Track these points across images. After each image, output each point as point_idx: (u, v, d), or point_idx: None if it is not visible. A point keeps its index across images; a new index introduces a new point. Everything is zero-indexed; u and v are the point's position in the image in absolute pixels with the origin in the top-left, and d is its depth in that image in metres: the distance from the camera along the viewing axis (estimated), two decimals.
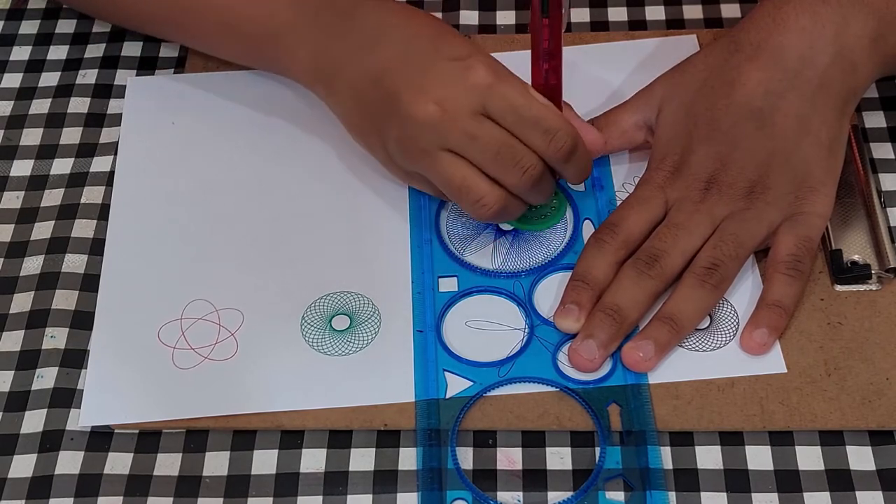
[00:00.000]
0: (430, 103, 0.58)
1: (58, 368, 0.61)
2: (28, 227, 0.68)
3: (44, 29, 0.78)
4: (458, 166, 0.59)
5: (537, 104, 0.59)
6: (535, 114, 0.58)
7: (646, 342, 0.59)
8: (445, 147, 0.59)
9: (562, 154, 0.59)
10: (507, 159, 0.58)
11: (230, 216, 0.67)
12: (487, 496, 0.56)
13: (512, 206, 0.60)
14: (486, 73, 0.59)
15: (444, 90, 0.59)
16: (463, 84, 0.59)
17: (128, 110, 0.73)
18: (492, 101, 0.58)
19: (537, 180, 0.59)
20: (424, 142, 0.59)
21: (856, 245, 0.63)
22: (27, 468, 0.58)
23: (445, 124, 0.58)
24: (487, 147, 0.58)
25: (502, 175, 0.59)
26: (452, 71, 0.59)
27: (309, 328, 0.62)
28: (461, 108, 0.58)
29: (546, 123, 0.58)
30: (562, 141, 0.58)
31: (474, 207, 0.59)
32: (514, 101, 0.58)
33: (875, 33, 0.63)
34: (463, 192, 0.59)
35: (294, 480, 0.57)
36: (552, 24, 0.58)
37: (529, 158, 0.59)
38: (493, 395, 0.59)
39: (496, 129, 0.58)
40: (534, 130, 0.58)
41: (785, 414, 0.58)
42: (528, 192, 0.60)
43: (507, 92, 0.58)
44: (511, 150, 0.58)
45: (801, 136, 0.63)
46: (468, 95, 0.58)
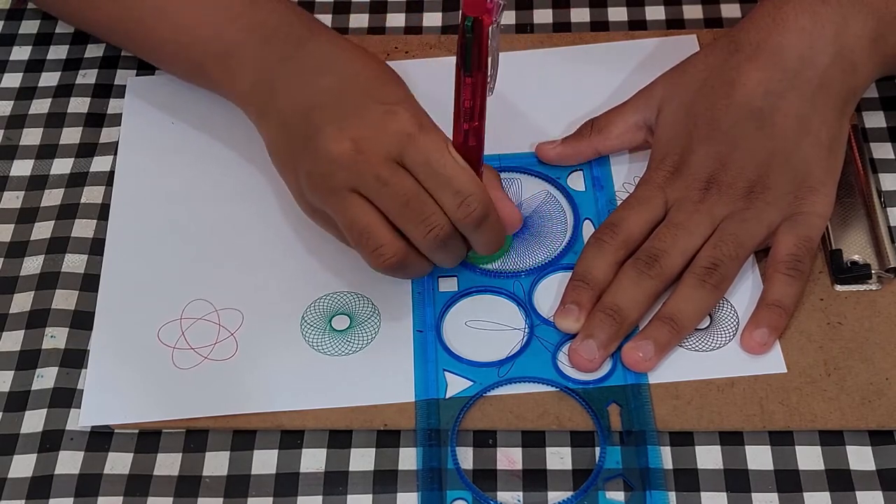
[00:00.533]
0: (346, 141, 0.57)
1: (58, 368, 0.61)
2: (28, 227, 0.68)
3: (44, 29, 0.78)
4: (364, 210, 0.57)
5: (452, 163, 0.56)
6: (449, 173, 0.56)
7: (646, 342, 0.59)
8: (355, 188, 0.57)
9: (470, 220, 0.56)
10: (414, 213, 0.56)
11: (230, 216, 0.67)
12: (487, 496, 0.56)
13: (414, 263, 0.58)
14: (410, 122, 0.57)
15: (364, 131, 0.57)
16: (384, 128, 0.57)
17: (128, 110, 0.73)
18: (409, 152, 0.56)
19: (443, 241, 0.57)
20: (335, 180, 0.57)
21: (856, 245, 0.63)
22: (27, 468, 0.58)
23: (358, 165, 0.56)
24: (396, 196, 0.56)
25: (408, 228, 0.56)
26: (377, 114, 0.58)
27: (309, 328, 0.62)
28: (377, 151, 0.56)
29: (457, 185, 0.56)
30: (472, 206, 0.56)
31: (372, 255, 0.57)
32: (430, 155, 0.56)
33: (875, 33, 0.63)
34: (363, 237, 0.57)
35: (294, 480, 0.57)
36: (475, 83, 0.55)
37: (438, 217, 0.56)
38: (493, 395, 0.59)
39: (409, 179, 0.56)
40: (445, 190, 0.56)
41: (785, 414, 0.58)
42: (434, 252, 0.58)
43: (425, 145, 0.56)
44: (420, 204, 0.56)
45: (800, 136, 0.63)
46: (386, 140, 0.57)
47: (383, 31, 0.78)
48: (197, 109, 0.72)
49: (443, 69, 0.72)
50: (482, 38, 0.53)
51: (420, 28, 0.77)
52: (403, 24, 0.78)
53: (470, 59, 0.54)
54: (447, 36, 0.76)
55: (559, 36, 0.76)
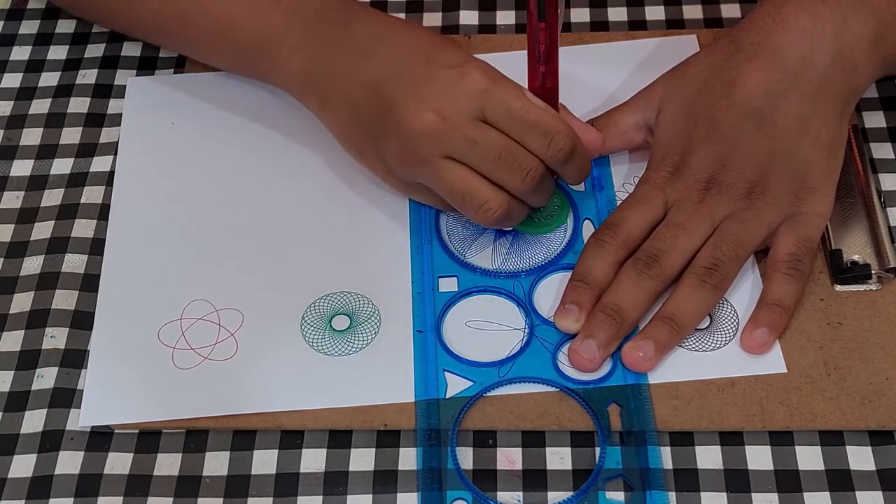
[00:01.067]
0: (428, 112, 0.58)
1: (58, 368, 0.61)
2: (28, 227, 0.68)
3: (44, 29, 0.78)
4: (461, 173, 0.59)
5: (534, 108, 0.59)
6: (533, 117, 0.58)
7: (646, 342, 0.59)
8: (446, 154, 0.59)
9: (561, 156, 0.59)
10: (508, 163, 0.58)
11: (230, 216, 0.67)
12: (487, 496, 0.56)
13: (515, 209, 0.60)
14: (483, 79, 0.59)
15: (442, 98, 0.59)
16: (460, 91, 0.59)
17: (128, 110, 0.73)
18: (490, 107, 0.58)
19: (539, 182, 0.59)
20: (424, 150, 0.59)
21: (856, 245, 0.63)
22: (27, 468, 0.58)
23: (445, 132, 0.58)
24: (488, 152, 0.58)
25: (504, 179, 0.59)
26: (448, 78, 0.59)
27: (309, 328, 0.62)
28: (459, 114, 0.58)
29: (544, 126, 0.58)
30: (561, 143, 0.59)
31: (478, 212, 0.59)
32: (511, 105, 0.58)
33: (875, 33, 0.63)
34: (467, 198, 0.59)
35: (294, 480, 0.57)
36: (549, 27, 0.58)
37: (530, 161, 0.59)
38: (493, 395, 0.59)
39: (495, 133, 0.58)
40: (532, 134, 0.58)
41: (785, 414, 0.58)
42: (531, 195, 0.60)
43: (504, 97, 0.58)
44: (511, 153, 0.58)
45: (800, 136, 0.63)
46: (466, 102, 0.58)
47: None
48: (197, 109, 0.72)
49: None
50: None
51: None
52: None
53: (543, 4, 0.57)
54: (447, 36, 0.76)
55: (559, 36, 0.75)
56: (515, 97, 0.59)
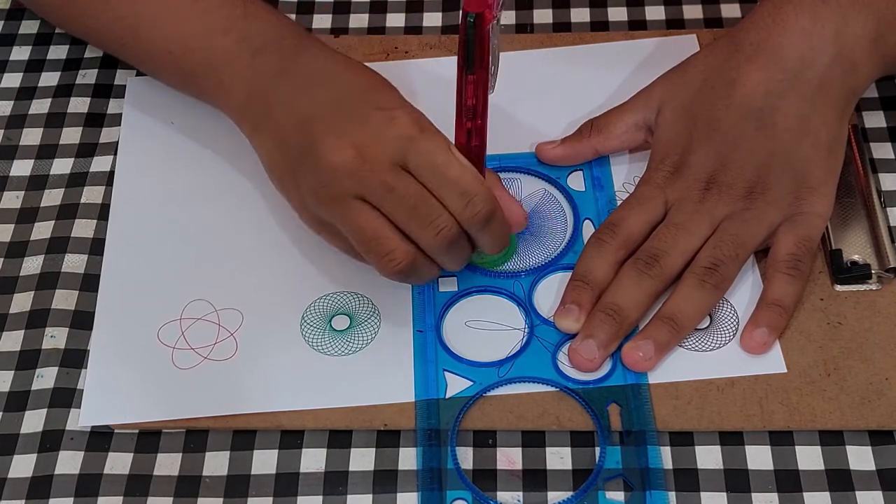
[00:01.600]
0: (349, 149, 0.57)
1: (58, 368, 0.61)
2: (28, 227, 0.68)
3: (44, 29, 0.78)
4: (371, 217, 0.56)
5: (457, 164, 0.56)
6: (455, 174, 0.56)
7: (646, 342, 0.59)
8: (360, 196, 0.57)
9: (477, 220, 0.56)
10: (422, 216, 0.56)
11: (230, 216, 0.67)
12: (487, 496, 0.56)
13: (423, 266, 0.58)
14: (410, 126, 0.57)
15: (366, 138, 0.57)
16: (385, 134, 0.57)
17: (128, 110, 0.73)
18: (412, 155, 0.56)
19: (451, 242, 0.57)
20: (339, 189, 0.57)
21: (856, 245, 0.63)
22: (27, 468, 0.58)
23: (362, 172, 0.56)
24: (403, 200, 0.56)
25: (416, 231, 0.56)
26: (377, 120, 0.58)
27: (309, 328, 0.62)
28: (380, 157, 0.56)
29: (463, 186, 0.56)
30: (478, 206, 0.56)
31: (382, 262, 0.57)
32: (434, 157, 0.56)
33: (875, 33, 0.63)
34: (372, 244, 0.57)
35: (294, 480, 0.57)
36: (477, 82, 0.55)
37: (445, 219, 0.56)
38: (493, 395, 0.59)
39: (414, 183, 0.56)
40: (451, 191, 0.56)
41: (785, 414, 0.58)
42: (442, 255, 0.58)
43: (428, 147, 0.56)
44: (427, 206, 0.56)
45: (800, 136, 0.63)
46: (389, 146, 0.57)
47: (383, 31, 0.78)
48: (197, 110, 0.72)
49: (443, 69, 0.72)
50: (483, 34, 0.53)
51: (420, 28, 0.77)
52: (403, 24, 0.78)
53: (472, 57, 0.54)
54: (447, 36, 0.76)
55: (559, 36, 0.76)
56: (440, 151, 0.56)
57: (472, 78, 0.55)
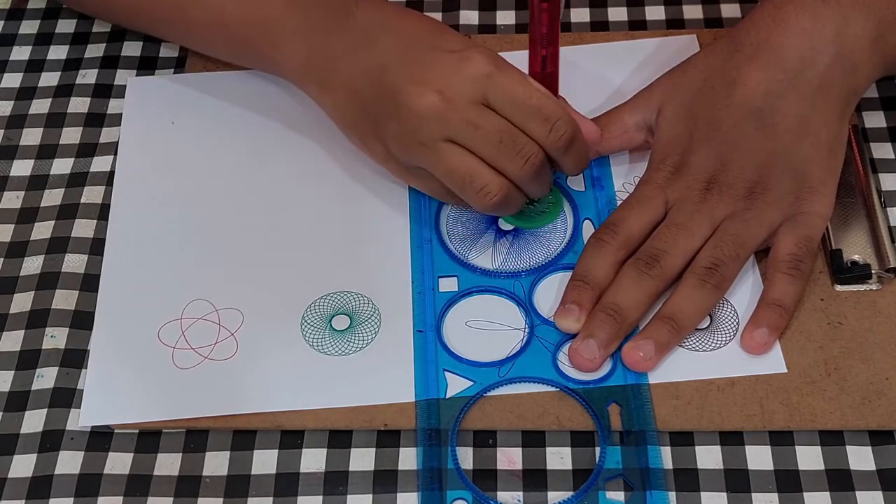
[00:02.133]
0: (430, 94, 0.58)
1: (58, 368, 0.61)
2: (28, 227, 0.68)
3: (44, 29, 0.78)
4: (461, 156, 0.59)
5: (537, 93, 0.59)
6: (536, 103, 0.58)
7: (646, 342, 0.59)
8: (447, 138, 0.58)
9: (562, 143, 0.59)
10: (509, 148, 0.58)
11: (230, 216, 0.67)
12: (487, 496, 0.56)
13: (513, 196, 0.60)
14: (485, 64, 0.59)
15: (444, 81, 0.59)
16: (462, 75, 0.59)
17: (128, 110, 0.73)
18: (492, 91, 0.58)
19: (538, 170, 0.59)
20: (425, 134, 0.59)
21: (856, 245, 0.63)
22: (27, 468, 0.58)
23: (446, 114, 0.58)
24: (489, 136, 0.58)
25: (505, 164, 0.59)
26: (451, 62, 0.59)
27: (309, 328, 0.62)
28: (461, 98, 0.58)
29: (546, 112, 0.58)
30: (562, 130, 0.59)
31: (478, 196, 0.59)
32: (513, 90, 0.58)
33: (875, 33, 0.63)
34: (467, 181, 0.59)
35: (294, 480, 0.57)
36: (551, 9, 0.58)
37: (531, 147, 0.59)
38: (493, 395, 0.59)
39: (497, 118, 0.58)
40: (534, 119, 0.58)
41: (785, 414, 0.58)
42: (529, 183, 0.60)
43: (506, 82, 0.58)
44: (513, 138, 0.58)
45: (801, 136, 0.63)
46: (468, 85, 0.58)
47: None
48: (197, 110, 0.72)
49: None
50: None
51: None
52: None
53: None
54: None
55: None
56: (518, 82, 0.59)
57: (547, 6, 0.58)
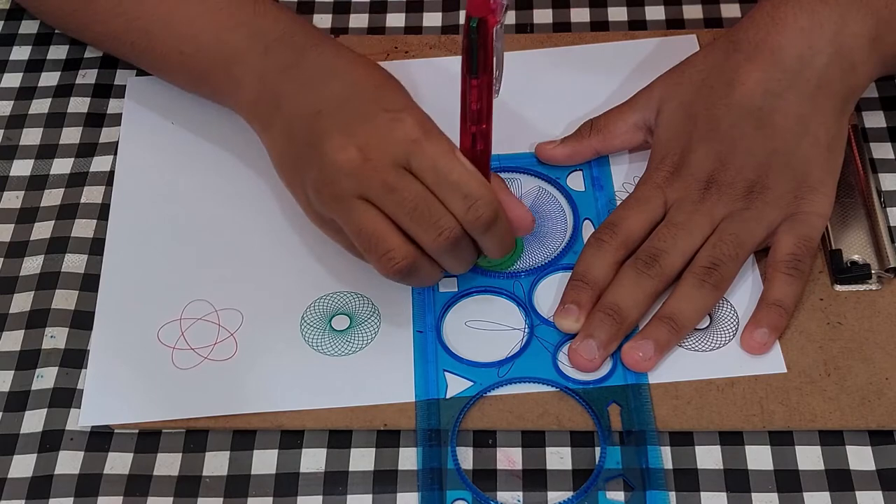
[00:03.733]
0: (352, 149, 0.57)
1: (58, 368, 0.61)
2: (28, 227, 0.68)
3: (44, 29, 0.78)
4: (372, 216, 0.56)
5: (460, 167, 0.56)
6: (457, 177, 0.56)
7: (645, 342, 0.59)
8: (362, 195, 0.57)
9: (480, 224, 0.56)
10: (423, 217, 0.56)
11: (230, 216, 0.67)
12: (487, 496, 0.56)
13: (424, 267, 0.58)
14: (415, 129, 0.57)
15: (370, 138, 0.57)
16: (390, 135, 0.57)
17: (128, 110, 0.73)
18: (416, 158, 0.56)
19: (453, 244, 0.57)
20: (341, 187, 0.57)
21: (856, 245, 0.63)
22: (27, 468, 0.58)
23: (365, 172, 0.56)
24: (405, 201, 0.56)
25: (417, 232, 0.56)
26: (383, 121, 0.58)
27: (309, 328, 0.62)
28: (384, 158, 0.56)
29: (466, 189, 0.56)
30: (481, 210, 0.56)
31: (381, 261, 0.57)
32: (437, 160, 0.56)
33: (873, 33, 0.63)
34: (372, 243, 0.57)
35: (294, 480, 0.57)
36: (481, 86, 0.55)
37: (447, 220, 0.56)
38: (493, 395, 0.59)
39: (417, 184, 0.56)
40: (454, 194, 0.56)
41: (785, 414, 0.58)
42: (444, 256, 0.58)
43: (432, 150, 0.56)
44: (429, 208, 0.56)
45: (800, 135, 0.63)
46: (393, 147, 0.57)
47: (383, 31, 0.78)
48: (197, 110, 0.72)
49: (443, 69, 0.73)
50: (487, 39, 0.53)
51: (420, 28, 0.77)
52: (403, 24, 0.78)
53: (476, 61, 0.53)
54: (447, 36, 0.76)
55: (559, 36, 0.76)
56: (443, 153, 0.56)
57: (477, 82, 0.55)
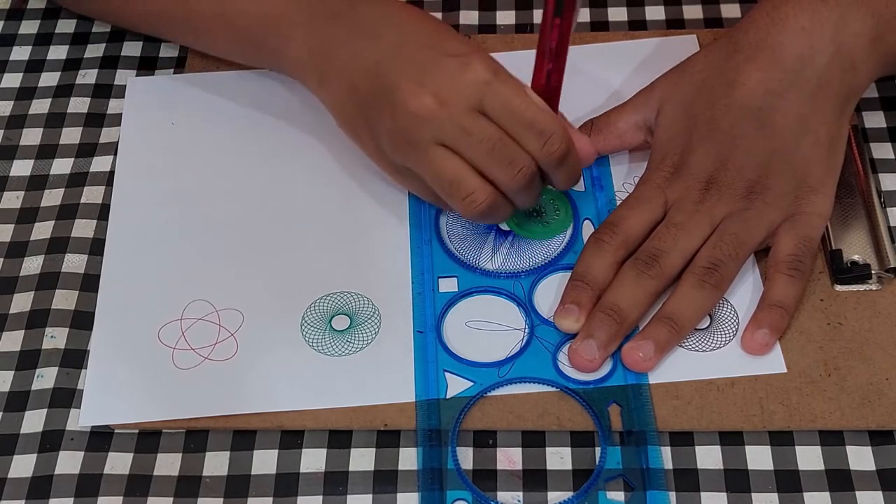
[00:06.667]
0: (427, 95, 0.58)
1: (58, 368, 0.61)
2: (28, 227, 0.68)
3: (44, 29, 0.78)
4: (451, 160, 0.58)
5: (534, 106, 0.58)
6: (531, 115, 0.58)
7: (646, 342, 0.59)
8: (439, 141, 0.58)
9: (554, 158, 0.58)
10: (500, 156, 0.58)
11: (230, 216, 0.67)
12: (488, 496, 0.56)
13: (501, 206, 0.60)
14: (485, 71, 0.58)
15: (441, 84, 0.58)
16: (460, 79, 0.58)
17: (128, 110, 0.73)
18: (489, 99, 0.58)
19: (528, 181, 0.59)
20: (417, 134, 0.58)
21: (856, 245, 0.63)
22: (27, 468, 0.58)
23: (440, 117, 0.58)
24: (481, 143, 0.57)
25: (495, 172, 0.58)
26: (450, 66, 0.59)
27: (309, 328, 0.62)
28: (457, 102, 0.58)
29: (541, 126, 0.58)
30: (555, 145, 0.58)
31: (464, 203, 0.59)
32: (510, 100, 0.58)
33: (874, 32, 0.63)
34: (454, 187, 0.58)
35: (294, 480, 0.57)
36: (563, 24, 0.57)
37: (523, 158, 0.58)
38: (493, 396, 0.59)
39: (491, 126, 0.58)
40: (528, 131, 0.58)
41: (785, 414, 0.58)
42: (518, 194, 0.59)
43: (504, 91, 0.58)
44: (505, 147, 0.58)
45: (800, 135, 0.63)
46: (465, 91, 0.58)
47: None
48: (197, 110, 0.72)
49: None
50: None
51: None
52: None
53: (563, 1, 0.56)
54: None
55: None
56: (516, 93, 0.58)
57: (560, 21, 0.57)
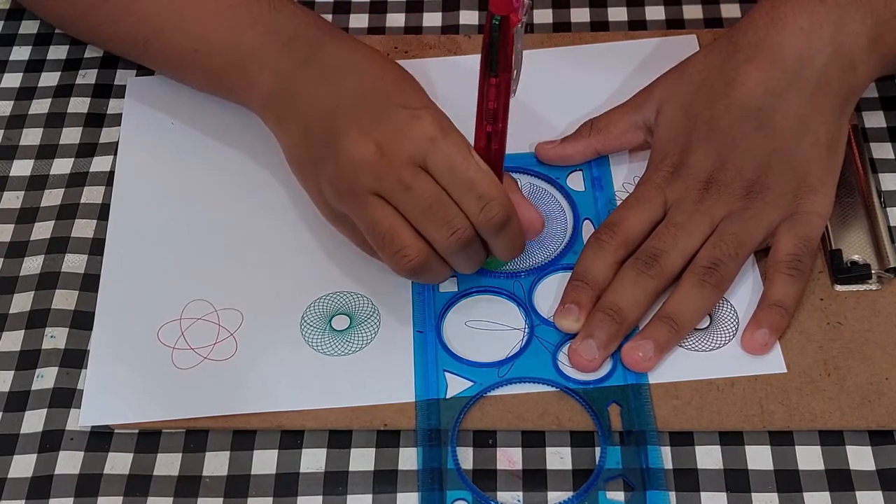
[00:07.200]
0: (370, 144, 0.57)
1: (58, 368, 0.61)
2: (28, 227, 0.68)
3: (44, 29, 0.78)
4: (386, 212, 0.57)
5: (475, 167, 0.56)
6: (472, 177, 0.56)
7: (646, 342, 0.59)
8: (377, 191, 0.57)
9: (492, 224, 0.57)
10: (437, 216, 0.56)
11: (230, 216, 0.67)
12: (487, 496, 0.56)
13: (435, 266, 0.58)
14: (433, 127, 0.57)
15: (388, 135, 0.57)
16: (407, 132, 0.57)
17: (128, 110, 0.73)
18: (432, 156, 0.56)
19: (465, 244, 0.57)
20: (357, 183, 0.57)
21: (856, 245, 0.63)
22: (27, 468, 0.58)
23: (381, 168, 0.56)
24: (419, 199, 0.56)
25: (430, 231, 0.56)
26: (400, 118, 0.58)
27: (309, 328, 0.62)
28: (400, 155, 0.56)
29: (481, 189, 0.56)
30: (494, 211, 0.56)
31: (395, 258, 0.57)
32: (454, 159, 0.56)
33: (873, 32, 0.63)
34: (386, 239, 0.57)
35: (294, 480, 0.57)
36: (499, 84, 0.55)
37: (460, 220, 0.56)
38: (493, 396, 0.59)
39: (432, 183, 0.56)
40: (468, 194, 0.56)
41: (785, 414, 0.58)
42: (454, 256, 0.58)
43: (449, 149, 0.56)
44: (443, 207, 0.56)
45: (800, 135, 0.63)
46: (409, 144, 0.57)
47: (383, 31, 0.78)
48: (197, 110, 0.72)
49: (442, 69, 0.73)
50: (508, 37, 0.53)
51: (420, 28, 0.77)
52: (403, 24, 0.78)
53: (496, 60, 0.53)
54: (447, 36, 0.76)
55: (559, 36, 0.76)
56: (460, 152, 0.56)
57: (495, 81, 0.55)
